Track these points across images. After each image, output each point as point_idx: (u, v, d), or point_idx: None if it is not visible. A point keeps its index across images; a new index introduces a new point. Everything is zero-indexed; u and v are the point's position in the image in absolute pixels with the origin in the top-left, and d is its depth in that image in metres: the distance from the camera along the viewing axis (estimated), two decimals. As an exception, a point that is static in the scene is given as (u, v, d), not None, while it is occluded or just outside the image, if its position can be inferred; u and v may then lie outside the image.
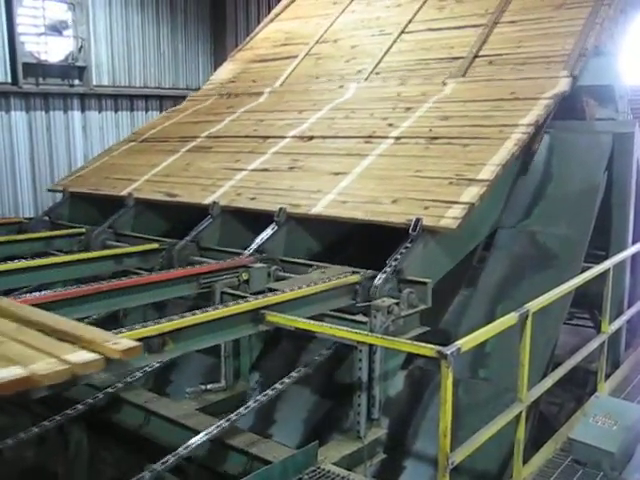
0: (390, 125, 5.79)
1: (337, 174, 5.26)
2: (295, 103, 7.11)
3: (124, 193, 6.11)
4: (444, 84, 6.18)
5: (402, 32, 7.35)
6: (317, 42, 8.10)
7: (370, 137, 5.71)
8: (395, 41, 7.29)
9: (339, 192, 4.97)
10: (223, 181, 5.79)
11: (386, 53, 7.16)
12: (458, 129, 5.37)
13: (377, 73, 6.96)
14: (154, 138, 7.62)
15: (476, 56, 6.37)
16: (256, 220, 5.12)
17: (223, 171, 6.02)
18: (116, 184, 6.46)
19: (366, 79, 6.97)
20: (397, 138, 5.55)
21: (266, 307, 3.46)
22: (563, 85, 5.44)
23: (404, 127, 5.70)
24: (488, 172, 4.61)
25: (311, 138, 6.05)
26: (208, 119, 7.55)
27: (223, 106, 7.85)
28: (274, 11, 9.35)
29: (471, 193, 4.42)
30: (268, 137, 6.41)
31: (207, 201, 5.47)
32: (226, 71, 8.62)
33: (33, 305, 3.44)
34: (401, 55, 7.07)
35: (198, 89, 10.08)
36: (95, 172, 7.18)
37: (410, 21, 7.47)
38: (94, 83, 11.92)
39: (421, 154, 5.20)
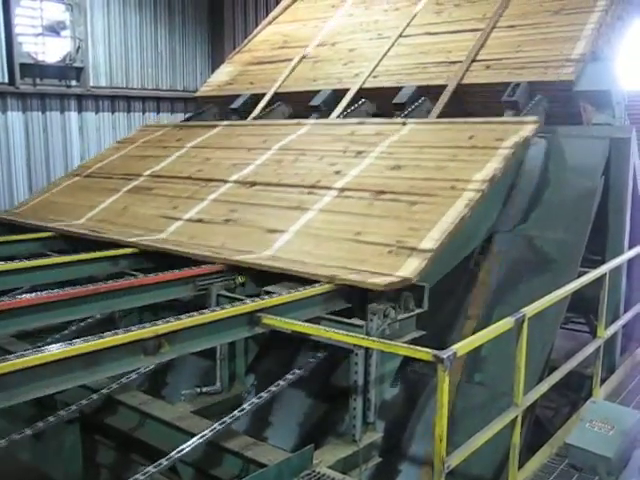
0: (337, 173, 5.38)
1: (273, 232, 4.85)
2: (246, 139, 6.73)
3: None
4: (404, 124, 5.78)
5: (400, 36, 7.35)
6: (315, 45, 8.08)
7: (314, 187, 5.30)
8: (393, 45, 7.28)
9: (272, 254, 4.56)
10: (154, 233, 5.35)
11: (383, 57, 7.15)
12: (408, 182, 4.92)
13: (375, 77, 6.95)
14: (99, 173, 7.16)
15: (474, 60, 6.36)
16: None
17: (157, 220, 5.59)
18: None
19: (363, 83, 6.95)
20: (341, 190, 5.13)
21: (262, 310, 3.45)
22: (527, 130, 5.09)
23: (351, 176, 5.26)
24: (432, 241, 4.18)
25: (253, 184, 5.64)
26: (156, 153, 7.14)
27: (173, 138, 7.45)
28: (272, 14, 9.36)
29: (410, 267, 3.97)
30: (210, 180, 5.98)
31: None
32: (223, 74, 8.61)
33: (28, 306, 3.44)
34: (399, 59, 7.06)
35: (195, 91, 10.08)
36: (33, 210, 6.64)
37: (408, 25, 7.46)
38: (91, 84, 11.93)
39: (364, 212, 4.78)
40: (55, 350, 2.59)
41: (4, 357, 2.48)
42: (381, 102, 6.64)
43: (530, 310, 3.48)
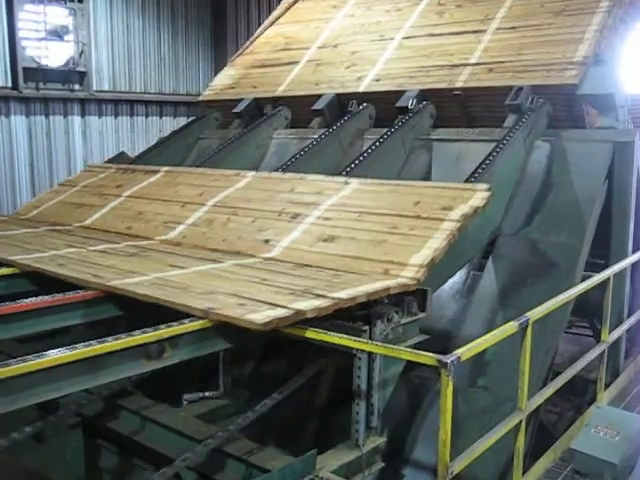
0: (266, 242, 4.76)
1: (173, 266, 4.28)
2: (184, 190, 6.02)
3: None
4: (346, 183, 5.15)
5: (402, 38, 7.33)
6: (317, 47, 8.06)
7: (238, 254, 4.70)
8: (395, 47, 7.26)
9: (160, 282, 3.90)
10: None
11: (386, 60, 7.16)
12: (337, 260, 4.28)
13: (377, 80, 6.94)
14: (29, 221, 6.38)
15: (476, 64, 6.36)
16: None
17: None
18: None
19: (366, 87, 6.93)
20: (266, 260, 4.53)
21: (265, 314, 3.43)
22: (478, 199, 4.42)
23: (280, 247, 4.63)
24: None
25: (178, 244, 5.10)
26: (91, 202, 6.43)
27: (113, 184, 6.72)
28: (274, 14, 9.34)
29: (309, 302, 3.36)
30: (137, 237, 5.37)
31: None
32: (226, 77, 8.60)
33: (33, 310, 3.44)
34: (401, 62, 7.03)
35: (198, 94, 10.08)
36: None
37: (410, 26, 7.44)
38: (94, 88, 11.97)
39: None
40: (59, 354, 2.59)
41: (8, 361, 2.48)
42: (384, 106, 6.62)
43: (534, 314, 3.47)
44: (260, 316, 3.03)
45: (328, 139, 6.34)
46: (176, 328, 3.04)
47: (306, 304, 3.25)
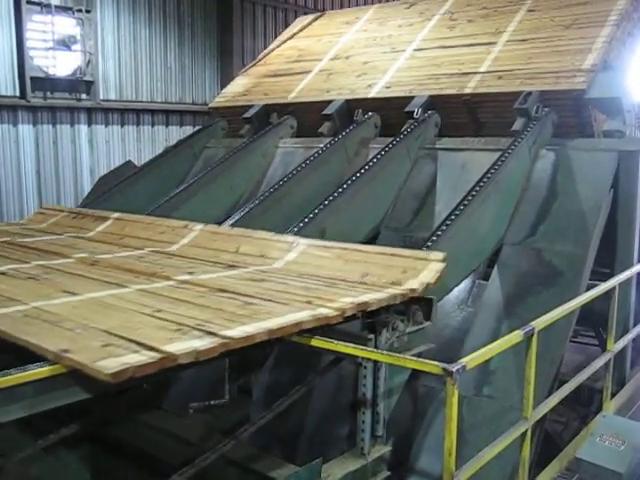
0: (190, 274, 4.10)
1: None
2: (130, 241, 5.35)
3: None
4: (294, 244, 4.67)
5: (413, 49, 7.41)
6: (329, 59, 8.15)
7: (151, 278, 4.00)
8: (406, 57, 7.34)
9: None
10: None
11: (396, 69, 7.21)
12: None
13: (387, 87, 6.99)
14: None
15: (486, 71, 6.41)
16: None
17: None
18: None
19: (376, 93, 6.97)
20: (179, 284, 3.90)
21: (271, 322, 3.43)
22: (430, 274, 3.85)
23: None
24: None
25: (93, 264, 4.51)
26: (9, 265, 4.72)
27: (43, 242, 5.50)
28: (288, 31, 9.47)
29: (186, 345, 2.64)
30: (55, 254, 4.75)
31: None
32: (238, 85, 8.66)
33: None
34: (411, 71, 7.10)
35: (204, 104, 10.15)
36: None
37: (421, 39, 7.53)
38: (101, 97, 12.04)
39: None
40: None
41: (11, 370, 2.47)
42: (391, 113, 6.65)
43: (539, 323, 3.47)
44: (114, 363, 2.36)
45: (333, 148, 6.36)
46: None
47: (183, 346, 2.57)
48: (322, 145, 6.49)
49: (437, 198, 5.73)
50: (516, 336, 3.28)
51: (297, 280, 3.91)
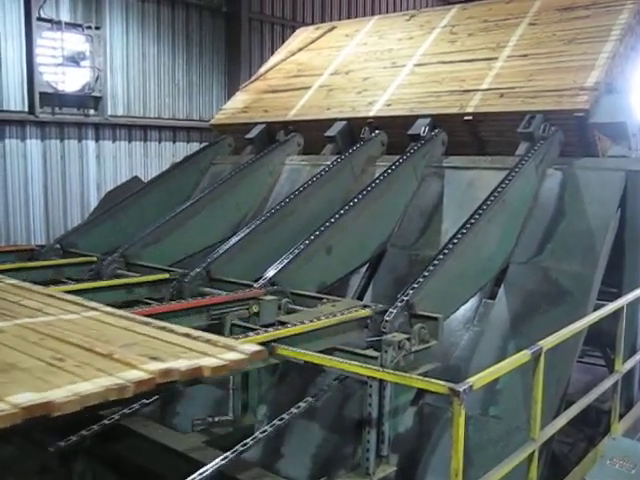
0: None
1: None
2: None
3: None
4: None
5: (414, 65, 7.39)
6: (329, 74, 8.12)
7: None
8: (406, 73, 7.32)
9: None
10: None
11: (397, 85, 7.19)
12: None
13: (388, 105, 6.99)
14: None
15: (487, 89, 6.38)
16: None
17: None
18: None
19: (377, 112, 6.97)
20: None
21: (276, 340, 3.43)
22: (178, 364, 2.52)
23: None
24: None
25: None
26: None
27: None
28: (289, 48, 9.38)
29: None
30: None
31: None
32: (238, 101, 8.67)
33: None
34: (412, 87, 7.08)
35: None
36: None
37: (422, 54, 7.51)
38: (109, 113, 12.11)
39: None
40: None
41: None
42: (395, 131, 6.66)
43: (547, 343, 3.44)
44: None
45: (340, 165, 6.37)
46: None
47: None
48: (329, 162, 6.49)
49: (444, 216, 5.72)
50: (523, 356, 3.25)
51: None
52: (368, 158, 6.63)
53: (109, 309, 3.26)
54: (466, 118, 6.27)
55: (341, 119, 7.23)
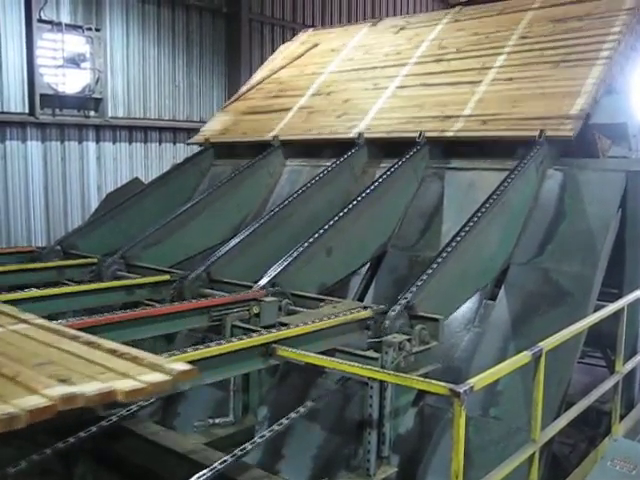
0: None
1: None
2: None
3: None
4: None
5: (396, 87, 7.07)
6: (310, 94, 7.80)
7: None
8: (388, 96, 7.01)
9: None
10: None
11: (378, 110, 6.89)
12: None
13: (368, 129, 6.66)
14: None
15: (470, 115, 6.08)
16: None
17: None
18: None
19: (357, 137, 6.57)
20: None
21: (276, 341, 3.44)
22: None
23: None
24: None
25: None
26: None
27: None
28: (271, 67, 9.04)
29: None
30: None
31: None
32: (217, 122, 8.43)
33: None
34: (393, 112, 6.77)
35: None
36: None
37: (405, 74, 7.19)
38: (109, 115, 12.12)
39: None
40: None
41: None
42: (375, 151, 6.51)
43: (547, 344, 3.44)
44: None
45: (340, 167, 6.36)
46: (189, 354, 2.99)
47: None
48: (329, 164, 6.48)
49: (444, 218, 5.72)
50: (524, 357, 3.25)
51: None
52: (368, 159, 6.62)
53: (41, 321, 2.98)
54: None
55: (320, 140, 6.98)
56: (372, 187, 5.61)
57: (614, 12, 6.30)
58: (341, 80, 7.80)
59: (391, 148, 6.38)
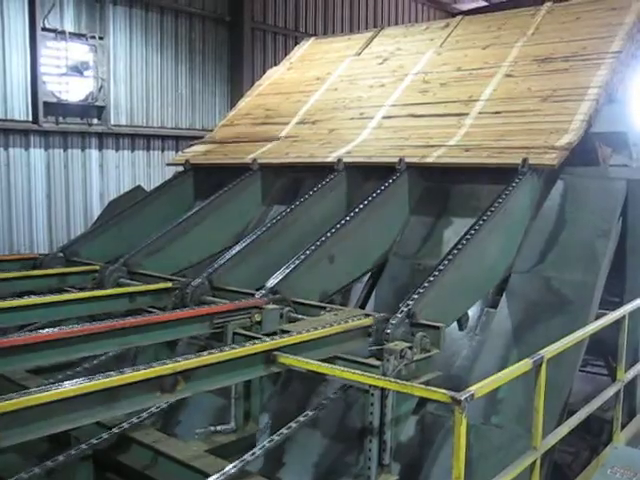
0: None
1: None
2: None
3: None
4: None
5: (382, 117, 6.96)
6: (295, 123, 7.69)
7: None
8: (374, 127, 6.89)
9: None
10: None
11: (363, 140, 6.74)
12: None
13: (349, 152, 6.49)
14: None
15: (454, 145, 5.91)
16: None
17: None
18: None
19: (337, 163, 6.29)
20: None
21: (278, 349, 3.45)
22: None
23: None
24: None
25: None
26: None
27: None
28: (259, 92, 8.95)
29: None
30: None
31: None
32: (201, 147, 8.28)
33: (45, 342, 3.46)
34: (378, 142, 6.62)
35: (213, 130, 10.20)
36: None
37: (391, 104, 7.07)
38: (112, 122, 12.16)
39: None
40: (72, 386, 2.60)
41: (20, 392, 2.49)
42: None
43: (548, 352, 3.45)
44: None
45: (335, 181, 6.29)
46: (191, 361, 3.04)
47: None
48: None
49: (446, 226, 5.73)
50: (525, 365, 3.26)
51: None
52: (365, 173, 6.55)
53: None
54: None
55: (300, 163, 6.81)
56: (374, 194, 5.62)
57: (601, 54, 6.10)
58: (327, 109, 7.64)
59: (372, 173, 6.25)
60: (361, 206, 5.49)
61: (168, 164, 8.80)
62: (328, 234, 5.21)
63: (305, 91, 8.25)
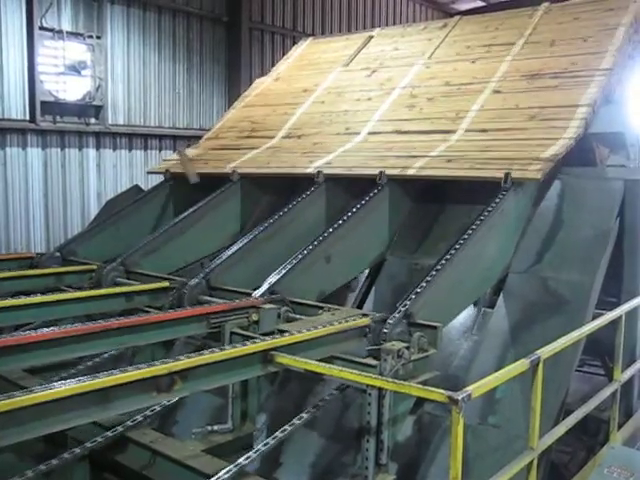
0: None
1: None
2: None
3: None
4: None
5: (368, 132, 6.89)
6: (281, 137, 7.60)
7: None
8: (360, 141, 6.82)
9: None
10: None
11: (345, 151, 6.67)
12: None
13: (329, 164, 6.40)
14: None
15: (436, 156, 5.83)
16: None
17: None
18: None
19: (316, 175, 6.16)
20: None
21: (275, 348, 3.44)
22: None
23: None
24: None
25: None
26: None
27: None
28: (246, 102, 8.88)
29: None
30: None
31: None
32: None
33: (41, 341, 3.45)
34: (360, 152, 6.55)
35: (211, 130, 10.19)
36: None
37: (378, 119, 7.00)
38: (109, 122, 12.13)
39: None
40: (67, 386, 2.59)
41: (15, 392, 2.49)
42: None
43: (545, 352, 3.45)
44: None
45: (329, 184, 6.27)
46: (188, 361, 3.03)
47: None
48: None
49: (443, 225, 5.73)
50: (522, 365, 3.26)
51: None
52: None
53: None
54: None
55: (280, 174, 6.75)
56: (371, 194, 5.62)
57: (590, 71, 6.01)
58: (312, 122, 7.58)
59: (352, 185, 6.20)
60: (358, 206, 5.49)
61: (148, 172, 8.69)
62: (325, 234, 5.22)
63: (292, 103, 8.15)
